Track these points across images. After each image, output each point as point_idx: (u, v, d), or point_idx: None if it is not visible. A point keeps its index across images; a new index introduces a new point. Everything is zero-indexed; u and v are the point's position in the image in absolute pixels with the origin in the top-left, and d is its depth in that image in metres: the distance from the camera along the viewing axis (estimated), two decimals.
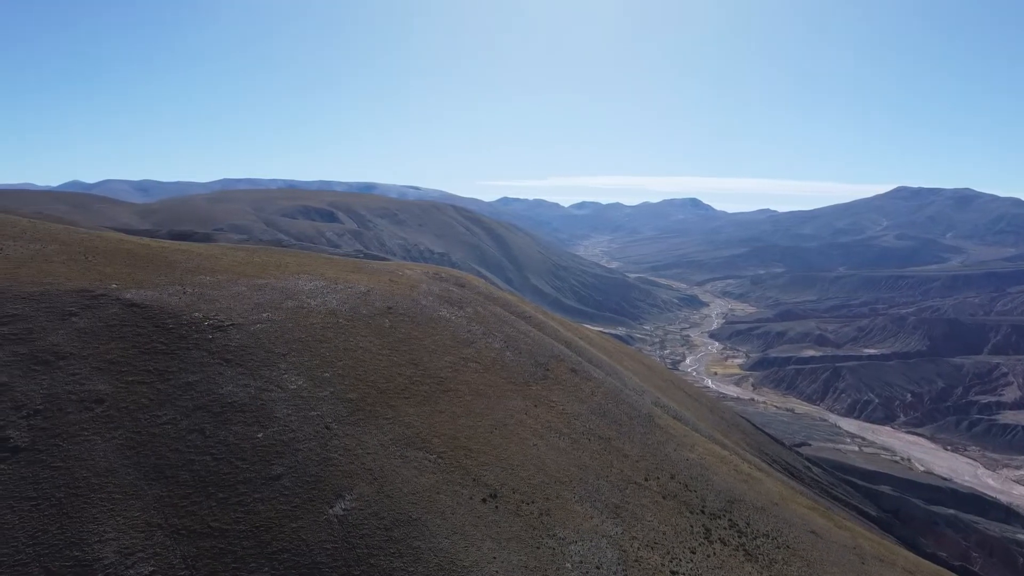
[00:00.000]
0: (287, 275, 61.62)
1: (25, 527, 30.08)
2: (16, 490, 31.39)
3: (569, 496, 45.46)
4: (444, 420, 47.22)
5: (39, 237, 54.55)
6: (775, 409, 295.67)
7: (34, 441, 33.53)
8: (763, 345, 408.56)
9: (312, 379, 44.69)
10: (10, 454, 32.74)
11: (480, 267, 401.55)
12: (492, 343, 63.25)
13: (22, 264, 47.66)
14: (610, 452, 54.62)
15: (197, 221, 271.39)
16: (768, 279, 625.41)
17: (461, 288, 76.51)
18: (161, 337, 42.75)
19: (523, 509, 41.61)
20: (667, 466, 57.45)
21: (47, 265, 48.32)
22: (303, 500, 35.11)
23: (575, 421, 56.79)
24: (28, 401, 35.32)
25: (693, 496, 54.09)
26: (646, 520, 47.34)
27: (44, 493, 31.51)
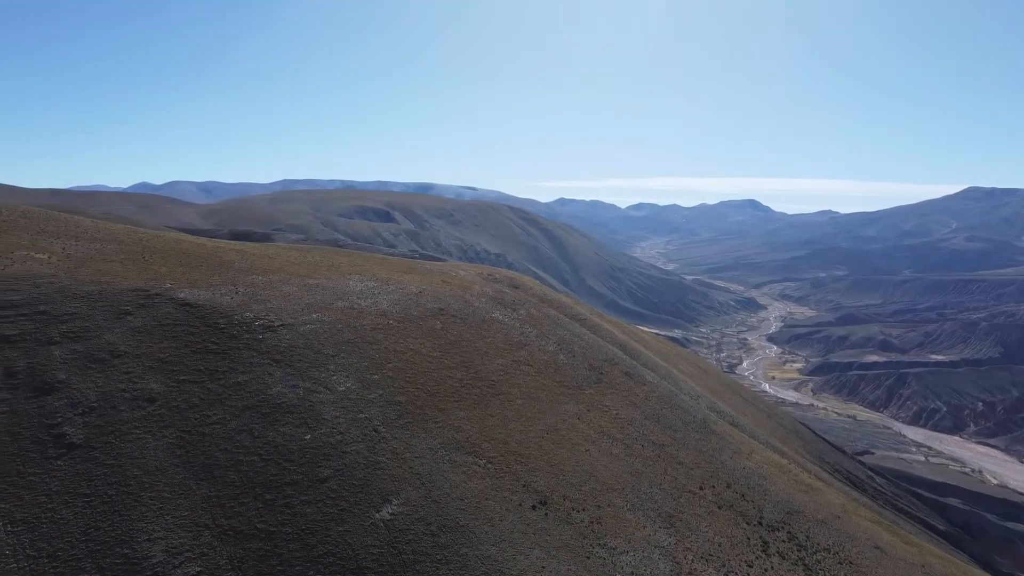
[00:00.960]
0: (339, 275, 61.90)
1: (79, 523, 30.59)
2: (71, 486, 31.97)
3: (621, 504, 44.51)
4: (495, 424, 46.71)
5: (100, 237, 55.82)
6: (836, 416, 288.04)
7: (88, 438, 34.11)
8: (823, 350, 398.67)
9: (361, 381, 44.63)
10: (66, 450, 33.38)
11: (536, 268, 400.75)
12: (545, 346, 62.58)
13: (82, 263, 48.77)
14: (664, 459, 53.45)
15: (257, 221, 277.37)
16: (829, 282, 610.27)
17: (515, 289, 76.01)
18: (212, 337, 43.20)
19: (573, 517, 40.82)
20: (723, 474, 55.96)
21: (105, 264, 49.36)
22: (350, 504, 34.97)
23: (628, 426, 55.75)
24: (83, 399, 35.99)
25: (750, 506, 52.54)
26: (701, 531, 46.07)
27: (97, 490, 32.01)
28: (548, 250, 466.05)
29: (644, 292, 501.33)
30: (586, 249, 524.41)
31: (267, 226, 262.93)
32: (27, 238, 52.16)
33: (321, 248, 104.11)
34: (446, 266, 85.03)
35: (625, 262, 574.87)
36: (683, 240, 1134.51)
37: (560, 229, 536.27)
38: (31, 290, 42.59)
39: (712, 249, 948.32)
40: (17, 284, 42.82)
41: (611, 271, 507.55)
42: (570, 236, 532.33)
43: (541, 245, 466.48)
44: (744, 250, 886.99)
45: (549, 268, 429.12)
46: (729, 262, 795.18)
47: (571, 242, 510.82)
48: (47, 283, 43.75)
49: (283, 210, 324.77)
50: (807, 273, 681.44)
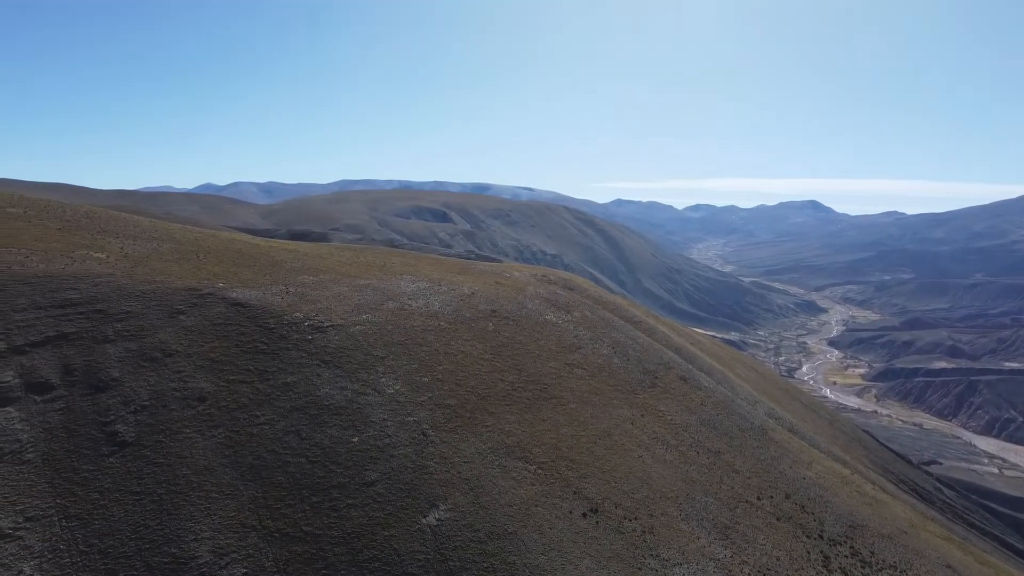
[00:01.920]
0: (391, 276, 61.95)
1: (129, 520, 30.92)
2: (123, 484, 32.36)
3: (675, 513, 43.37)
4: (546, 429, 46.02)
5: (156, 236, 56.90)
6: (900, 423, 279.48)
7: (140, 436, 34.53)
8: (888, 355, 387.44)
9: (410, 383, 44.40)
10: (118, 448, 33.82)
11: (593, 269, 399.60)
12: (599, 349, 61.66)
13: (139, 262, 49.68)
14: (720, 467, 52.03)
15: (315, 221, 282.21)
16: (894, 285, 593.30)
17: (569, 291, 75.20)
18: (262, 337, 43.48)
19: (625, 526, 39.87)
20: (782, 484, 54.22)
21: (161, 263, 50.21)
22: (396, 508, 34.69)
23: (683, 432, 54.48)
24: (136, 397, 36.48)
25: (810, 519, 50.76)
26: (758, 543, 44.61)
27: (147, 488, 32.33)
28: (604, 251, 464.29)
29: (701, 294, 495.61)
30: (642, 250, 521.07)
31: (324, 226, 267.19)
32: (88, 237, 53.39)
33: (374, 248, 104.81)
34: (500, 267, 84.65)
35: (682, 263, 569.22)
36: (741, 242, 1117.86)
37: (616, 230, 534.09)
38: (89, 288, 43.46)
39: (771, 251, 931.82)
40: (76, 283, 43.74)
41: (667, 272, 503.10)
42: (626, 237, 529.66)
43: (597, 246, 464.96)
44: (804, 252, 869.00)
45: (605, 269, 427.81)
46: (788, 264, 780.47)
47: (627, 243, 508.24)
48: (104, 282, 44.60)
49: (340, 210, 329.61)
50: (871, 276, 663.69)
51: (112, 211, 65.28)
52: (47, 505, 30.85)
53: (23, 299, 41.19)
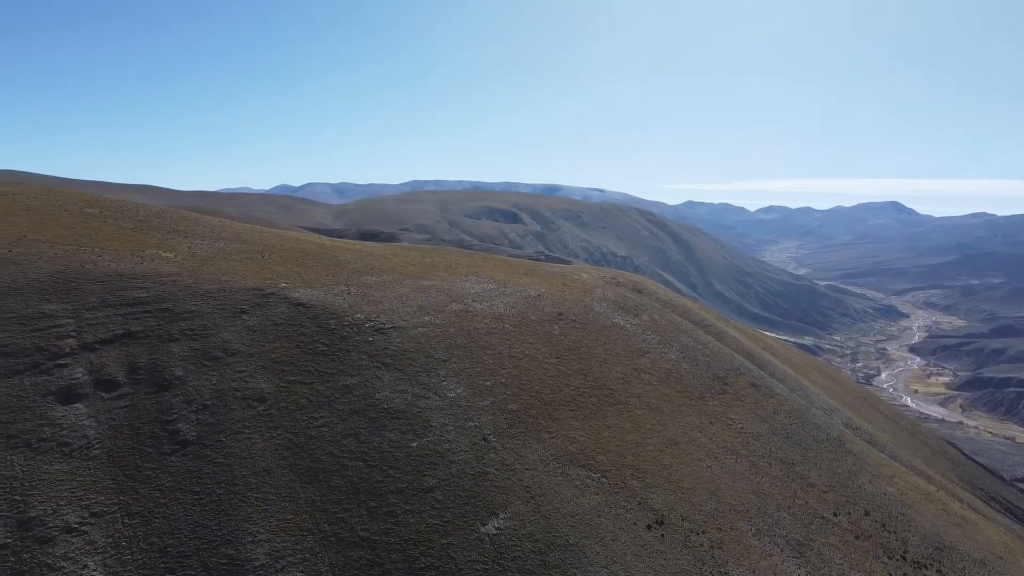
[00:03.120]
0: (456, 277, 61.66)
1: (188, 520, 31.14)
2: (183, 483, 32.66)
3: (745, 528, 41.63)
4: (611, 436, 44.86)
5: (224, 236, 57.88)
6: (989, 436, 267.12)
7: (201, 436, 34.85)
8: (975, 363, 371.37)
9: (472, 387, 43.84)
10: (179, 447, 34.19)
11: (663, 271, 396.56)
12: (668, 353, 60.10)
13: (205, 262, 50.53)
14: (793, 479, 49.91)
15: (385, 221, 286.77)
16: (982, 290, 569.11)
17: (638, 294, 73.76)
18: (323, 338, 43.56)
19: (692, 540, 38.40)
20: (860, 500, 51.73)
21: (226, 263, 50.96)
22: (455, 515, 34.10)
23: (754, 442, 52.51)
24: (198, 396, 36.89)
25: (892, 538, 48.22)
26: (835, 562, 42.50)
27: (206, 488, 32.54)
28: (675, 253, 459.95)
29: (773, 297, 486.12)
30: (713, 253, 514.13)
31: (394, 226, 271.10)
32: (159, 237, 54.70)
33: (441, 249, 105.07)
34: (568, 269, 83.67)
35: (754, 266, 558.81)
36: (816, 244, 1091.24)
37: (687, 232, 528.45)
38: (156, 288, 44.35)
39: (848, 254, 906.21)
40: (144, 282, 44.70)
41: (739, 275, 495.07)
42: (697, 239, 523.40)
43: (668, 248, 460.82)
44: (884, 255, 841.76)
45: (676, 271, 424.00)
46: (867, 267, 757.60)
47: (698, 245, 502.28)
48: (171, 281, 45.47)
49: (411, 210, 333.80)
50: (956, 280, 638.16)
51: (183, 211, 66.86)
52: (111, 502, 31.32)
53: (94, 297, 42.30)
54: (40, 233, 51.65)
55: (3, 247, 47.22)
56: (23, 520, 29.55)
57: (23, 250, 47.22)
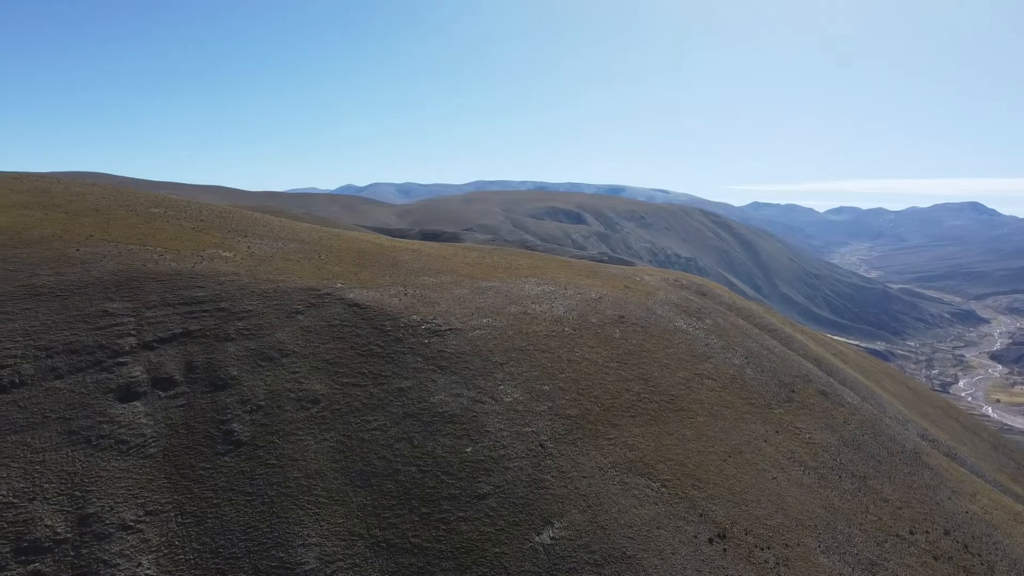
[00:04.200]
0: (515, 278, 61.46)
1: (240, 521, 31.59)
2: (236, 484, 33.17)
3: (812, 544, 40.21)
4: (672, 444, 43.94)
5: (283, 236, 58.93)
6: None
7: (254, 436, 35.38)
8: None
9: (530, 392, 43.50)
10: (233, 447, 34.77)
11: (727, 273, 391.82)
12: (731, 359, 58.70)
13: (263, 261, 51.50)
14: (865, 494, 48.07)
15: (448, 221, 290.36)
16: None
17: (702, 297, 72.38)
18: (378, 339, 43.83)
19: (756, 555, 37.26)
20: (939, 518, 49.49)
21: (284, 263, 51.83)
22: (509, 523, 33.79)
23: (823, 453, 50.78)
24: (252, 396, 37.50)
25: (976, 561, 45.98)
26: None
27: (258, 490, 32.97)
28: (740, 255, 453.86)
29: (843, 301, 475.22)
30: (780, 254, 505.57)
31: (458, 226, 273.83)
32: (219, 236, 56.02)
33: (502, 249, 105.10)
34: (631, 270, 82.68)
35: (822, 268, 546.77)
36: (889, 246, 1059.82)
37: (753, 234, 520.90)
38: (214, 287, 45.37)
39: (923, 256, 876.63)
40: (203, 281, 45.78)
41: (806, 278, 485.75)
42: (763, 241, 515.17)
43: (733, 250, 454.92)
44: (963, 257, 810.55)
45: (741, 274, 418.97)
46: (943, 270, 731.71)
47: (764, 247, 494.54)
48: (229, 280, 46.46)
49: (474, 210, 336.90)
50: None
51: (244, 211, 68.40)
52: (165, 500, 32.00)
53: (154, 296, 43.50)
54: (106, 232, 53.44)
55: (71, 246, 48.96)
56: (82, 516, 30.42)
57: (89, 249, 48.89)
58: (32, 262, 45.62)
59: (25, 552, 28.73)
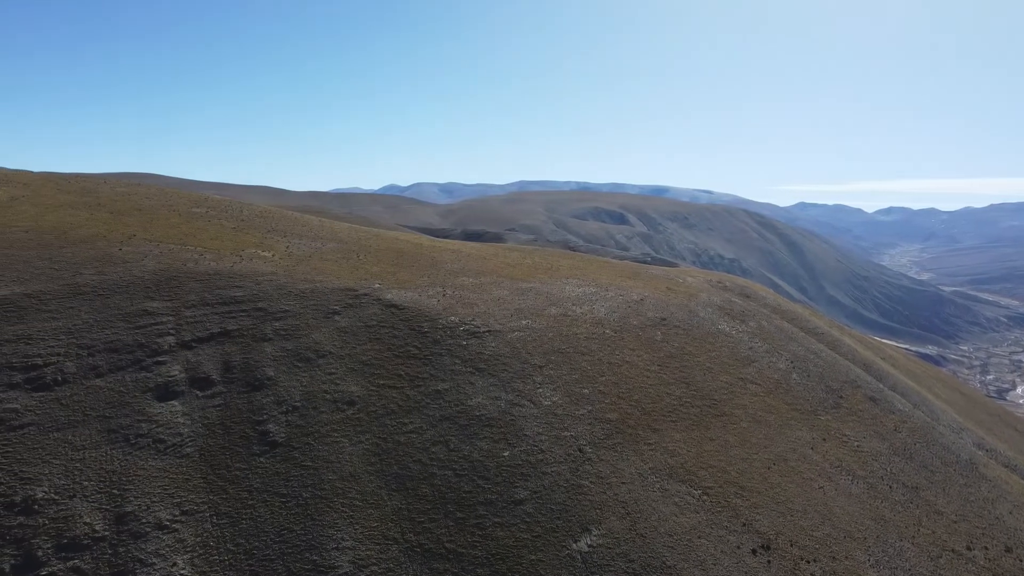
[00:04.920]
0: (556, 279, 61.05)
1: (274, 523, 31.71)
2: (270, 485, 33.32)
3: (862, 557, 39.08)
4: (714, 450, 43.12)
5: (322, 236, 59.31)
6: None
7: (290, 438, 35.53)
8: None
9: (569, 395, 43.07)
10: (268, 448, 34.95)
11: (772, 274, 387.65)
12: (776, 363, 57.52)
13: (301, 261, 51.86)
14: (918, 505, 46.62)
15: (491, 221, 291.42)
16: None
17: (745, 299, 71.15)
18: (415, 341, 43.78)
19: (802, 568, 36.33)
20: (999, 533, 47.79)
21: (322, 263, 52.13)
22: (545, 530, 33.41)
23: (873, 462, 49.41)
24: (288, 397, 37.68)
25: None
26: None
27: (293, 491, 33.08)
28: (785, 256, 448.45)
29: (892, 303, 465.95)
30: (827, 256, 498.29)
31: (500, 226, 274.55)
32: (258, 236, 56.61)
33: (543, 250, 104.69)
34: (673, 272, 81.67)
35: (871, 270, 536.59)
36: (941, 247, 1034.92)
37: (799, 234, 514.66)
38: (252, 287, 45.79)
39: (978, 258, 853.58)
40: (242, 281, 46.24)
41: (854, 279, 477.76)
42: (810, 242, 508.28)
43: (778, 251, 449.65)
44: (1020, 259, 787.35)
45: (786, 275, 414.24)
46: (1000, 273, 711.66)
47: (810, 248, 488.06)
48: (267, 280, 46.86)
49: (517, 210, 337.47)
50: None
51: (284, 211, 69.07)
52: (201, 500, 32.26)
53: (194, 296, 44.04)
54: (148, 232, 54.32)
55: (114, 246, 49.83)
56: (120, 514, 30.80)
57: (131, 248, 49.71)
58: (76, 261, 46.50)
59: (65, 549, 29.16)
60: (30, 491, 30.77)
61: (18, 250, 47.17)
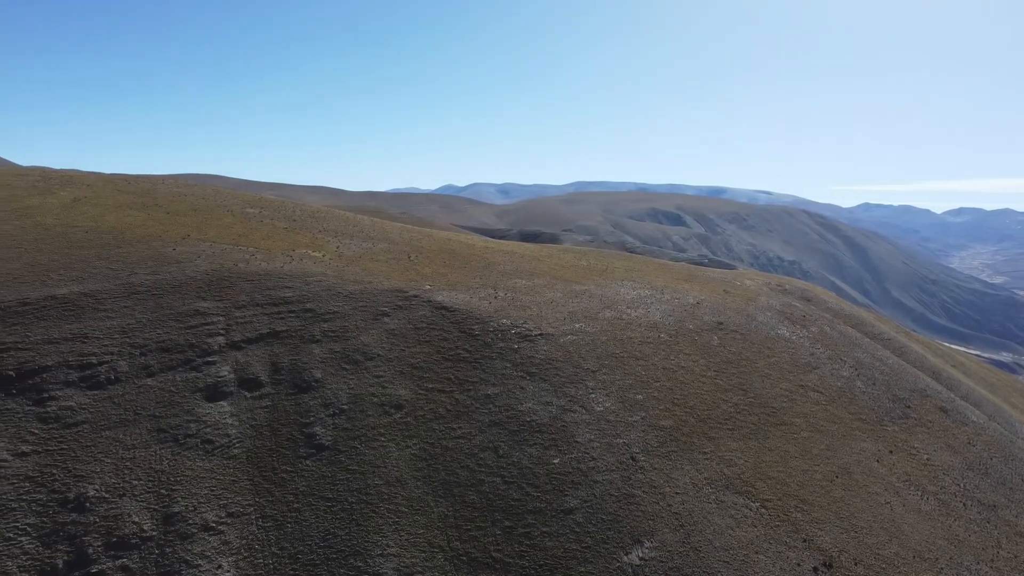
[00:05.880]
0: (611, 281, 60.16)
1: (319, 527, 31.63)
2: (316, 488, 33.27)
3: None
4: (773, 460, 41.73)
5: (373, 236, 59.46)
6: None
7: (336, 441, 35.46)
8: None
9: (622, 401, 42.19)
10: (315, 451, 34.93)
11: (834, 277, 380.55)
12: (839, 370, 55.63)
13: (351, 262, 51.98)
14: (996, 525, 44.44)
15: (547, 222, 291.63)
16: None
17: (806, 303, 69.14)
18: (466, 344, 43.40)
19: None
20: None
21: (372, 264, 52.17)
22: (596, 541, 32.64)
23: (944, 477, 47.31)
24: (335, 400, 37.63)
25: None
26: None
27: (339, 496, 32.96)
28: (848, 258, 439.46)
29: (962, 307, 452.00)
30: (892, 258, 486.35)
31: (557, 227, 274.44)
32: (309, 236, 56.99)
33: (598, 251, 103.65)
34: (731, 274, 79.92)
35: (939, 273, 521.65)
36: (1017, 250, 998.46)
37: (862, 236, 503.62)
38: (301, 287, 46.03)
39: None
40: (291, 281, 46.53)
41: (921, 283, 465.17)
42: (874, 244, 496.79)
43: (840, 253, 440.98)
44: None
45: (848, 278, 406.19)
46: None
47: (875, 250, 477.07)
48: (316, 281, 47.06)
49: (574, 211, 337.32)
50: None
51: (337, 211, 69.54)
52: (247, 503, 32.36)
53: (244, 296, 44.42)
54: (202, 232, 55.12)
55: (169, 246, 50.64)
56: (168, 515, 31.08)
57: (185, 248, 50.45)
58: (132, 261, 47.33)
59: (115, 548, 29.51)
60: (82, 488, 31.26)
61: (78, 249, 48.23)
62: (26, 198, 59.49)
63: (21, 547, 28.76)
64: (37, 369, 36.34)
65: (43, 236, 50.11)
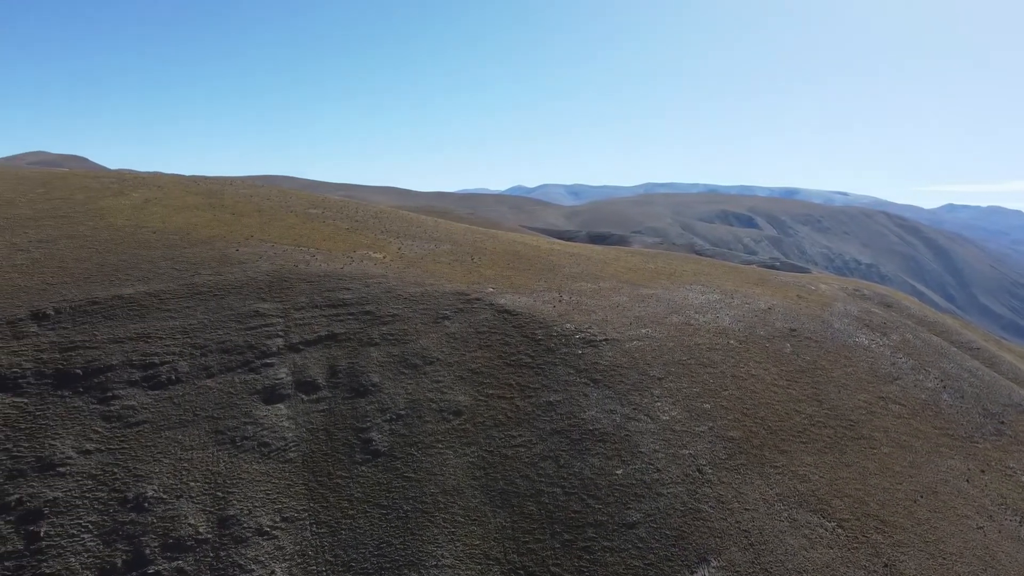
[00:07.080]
0: (679, 285, 58.68)
1: (374, 535, 31.25)
2: (371, 495, 32.91)
3: None
4: (850, 477, 39.74)
5: (436, 237, 59.23)
6: None
7: (392, 447, 35.06)
8: None
9: (689, 410, 40.79)
10: (371, 457, 34.60)
11: (915, 281, 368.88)
12: (923, 381, 52.97)
13: (413, 263, 51.76)
14: None
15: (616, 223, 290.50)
16: None
17: (886, 309, 66.32)
18: (528, 349, 42.64)
19: None
20: None
21: (434, 265, 51.85)
22: (659, 558, 31.44)
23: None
24: (393, 404, 37.30)
25: None
26: None
27: (394, 503, 32.52)
28: (930, 262, 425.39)
29: None
30: (978, 261, 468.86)
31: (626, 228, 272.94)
32: (371, 237, 57.05)
33: (666, 254, 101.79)
34: (804, 278, 77.35)
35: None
36: None
37: (946, 238, 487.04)
38: (361, 289, 45.95)
39: None
40: (351, 283, 46.53)
41: (1011, 287, 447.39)
42: (958, 246, 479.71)
43: (921, 256, 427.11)
44: None
45: (931, 282, 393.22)
46: None
47: (959, 253, 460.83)
48: (376, 283, 46.95)
49: (643, 213, 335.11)
50: None
51: (400, 211, 69.75)
52: (302, 507, 32.18)
53: (303, 298, 44.54)
54: (265, 233, 55.69)
55: (232, 246, 51.25)
56: (223, 517, 31.10)
57: (248, 249, 50.97)
58: (196, 261, 47.98)
59: (171, 549, 29.64)
60: (142, 488, 31.53)
61: (145, 250, 49.16)
62: (101, 200, 61.12)
63: (84, 544, 29.13)
64: (103, 368, 36.98)
65: (114, 237, 51.26)
